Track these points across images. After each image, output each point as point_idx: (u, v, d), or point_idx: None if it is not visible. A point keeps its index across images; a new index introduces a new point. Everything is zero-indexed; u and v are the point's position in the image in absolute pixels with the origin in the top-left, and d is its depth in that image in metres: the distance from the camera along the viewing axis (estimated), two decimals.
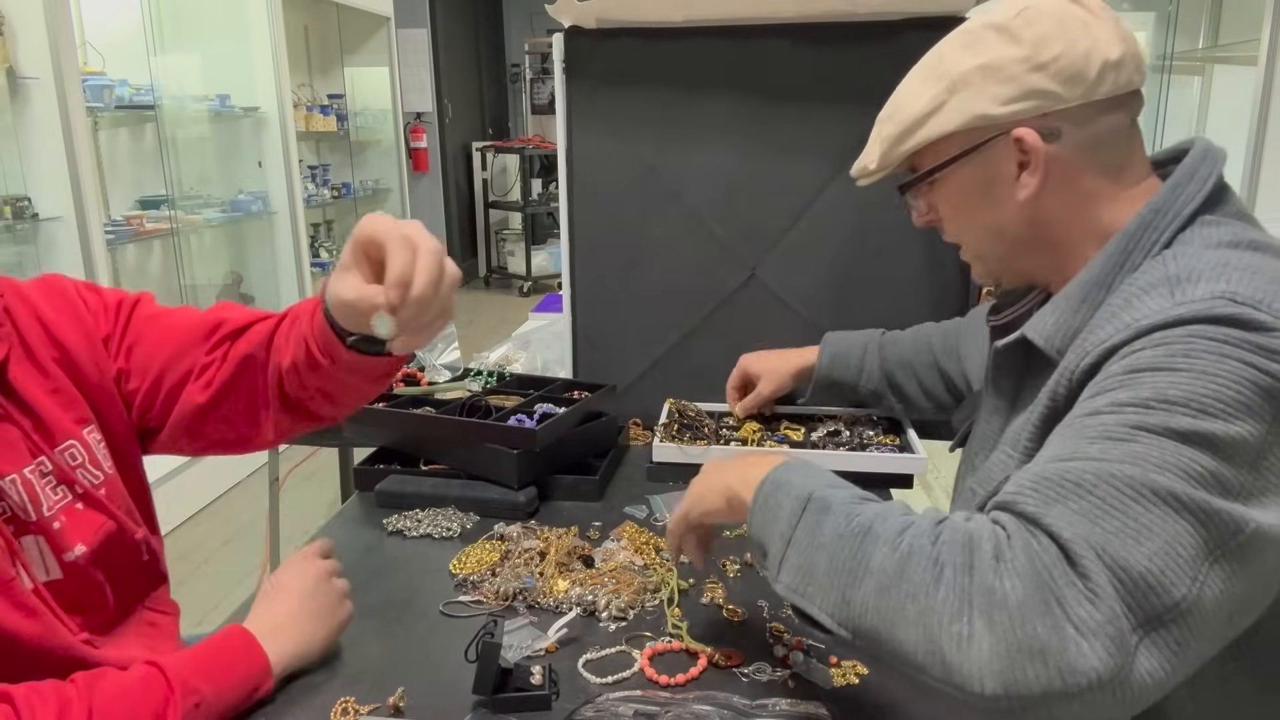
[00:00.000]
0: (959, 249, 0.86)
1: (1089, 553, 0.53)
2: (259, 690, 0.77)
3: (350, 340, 0.78)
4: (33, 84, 2.41)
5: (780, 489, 0.69)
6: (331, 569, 0.87)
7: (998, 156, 0.75)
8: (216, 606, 2.42)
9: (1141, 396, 0.58)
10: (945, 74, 0.76)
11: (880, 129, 0.82)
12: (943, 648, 0.54)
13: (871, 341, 1.27)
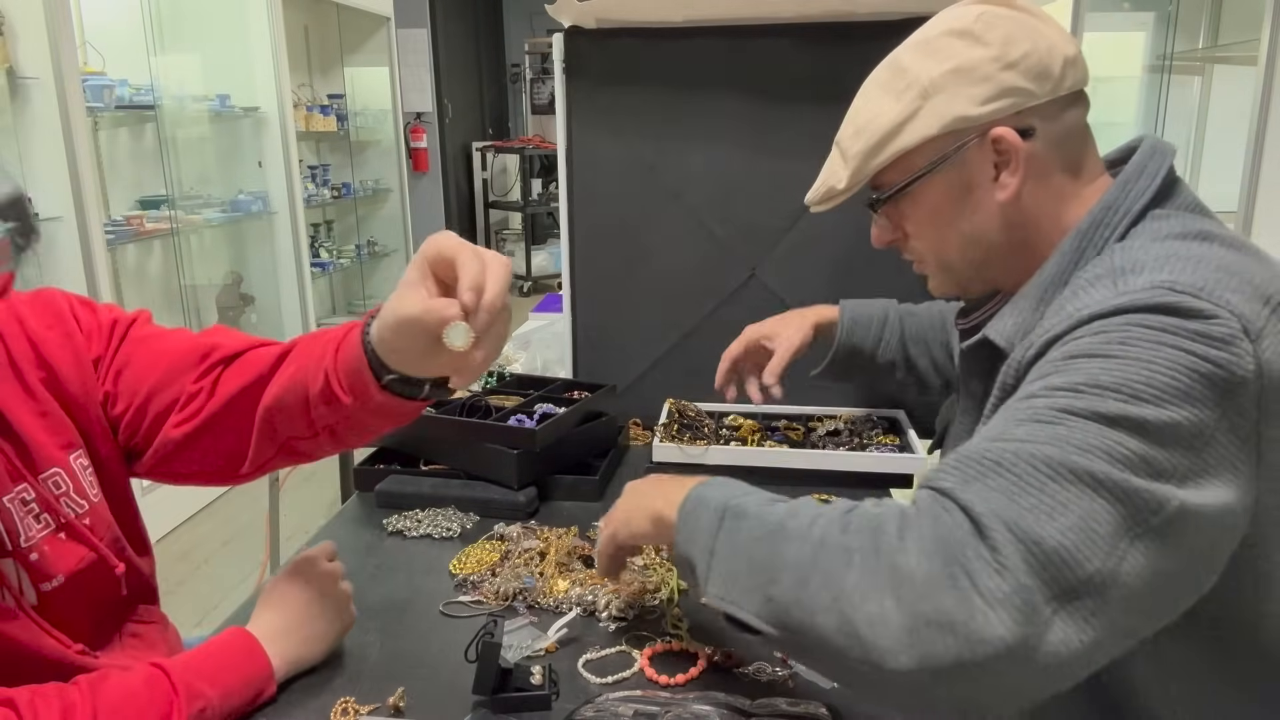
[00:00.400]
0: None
1: (1000, 526, 0.54)
2: (262, 695, 0.77)
3: (387, 379, 0.71)
4: (33, 84, 2.41)
5: (700, 505, 0.71)
6: (336, 573, 0.87)
7: (974, 160, 0.76)
8: (216, 607, 2.43)
9: (1074, 381, 0.59)
10: (913, 82, 0.76)
11: (844, 147, 0.82)
12: (859, 630, 0.56)
13: (891, 310, 1.23)
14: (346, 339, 0.74)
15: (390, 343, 0.69)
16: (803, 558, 0.61)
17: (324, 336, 0.77)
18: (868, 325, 1.21)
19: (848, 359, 1.22)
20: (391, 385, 0.72)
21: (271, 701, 0.78)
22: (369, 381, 0.72)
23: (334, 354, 0.74)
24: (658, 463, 1.28)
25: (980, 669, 0.52)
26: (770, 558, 0.63)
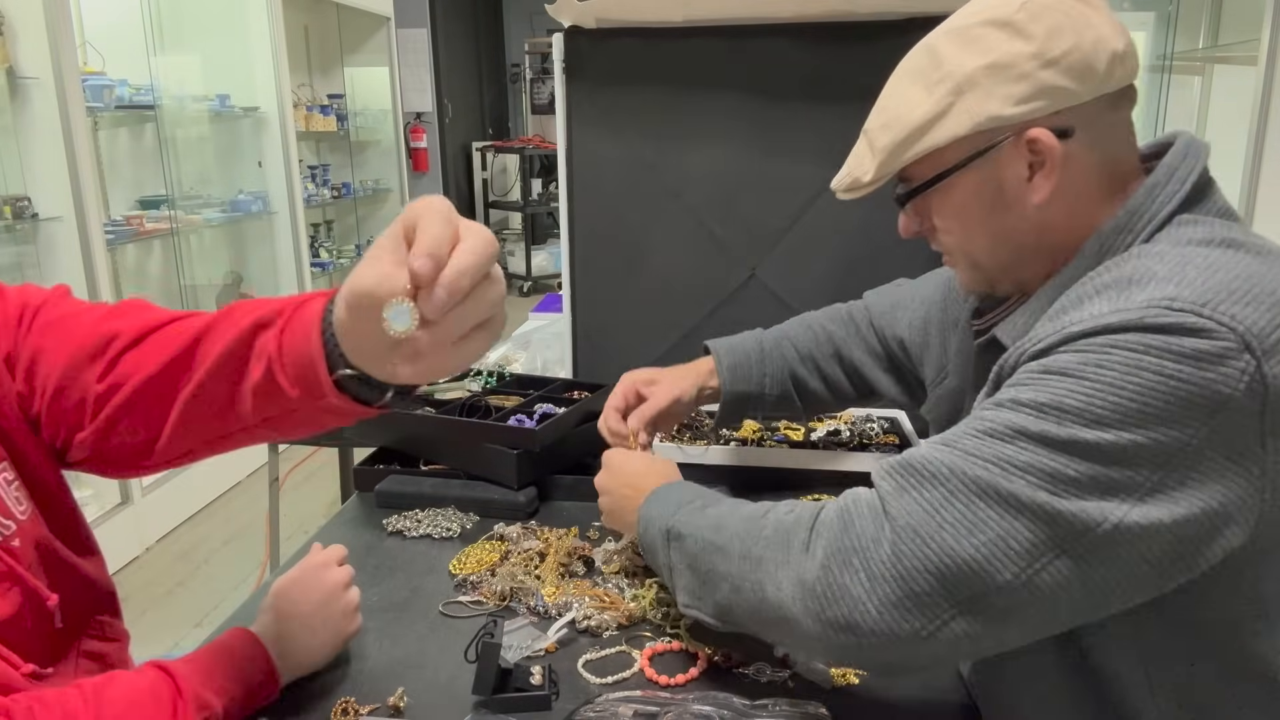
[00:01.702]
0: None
1: (912, 538, 0.61)
2: (265, 700, 0.76)
3: (340, 375, 0.57)
4: (32, 84, 2.41)
5: (649, 524, 0.83)
6: (346, 579, 0.86)
7: (1007, 160, 0.72)
8: (216, 607, 2.43)
9: (1039, 400, 0.61)
10: (947, 76, 0.71)
11: (873, 139, 0.78)
12: (781, 632, 0.70)
13: (762, 342, 1.13)
14: (297, 316, 0.60)
15: (346, 325, 0.55)
16: (730, 570, 0.72)
17: (264, 309, 0.62)
18: (746, 369, 1.11)
19: (737, 406, 1.12)
20: (345, 383, 0.58)
21: (273, 703, 0.78)
22: (323, 376, 0.58)
23: (279, 336, 0.60)
24: None
25: (883, 653, 0.63)
26: (709, 572, 0.75)
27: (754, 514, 0.74)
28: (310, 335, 0.58)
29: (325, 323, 0.58)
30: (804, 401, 1.14)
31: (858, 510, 0.65)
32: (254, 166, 3.90)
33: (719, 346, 1.13)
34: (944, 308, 0.99)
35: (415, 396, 0.67)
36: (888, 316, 1.10)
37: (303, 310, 0.60)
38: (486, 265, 0.50)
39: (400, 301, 0.48)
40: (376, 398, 0.60)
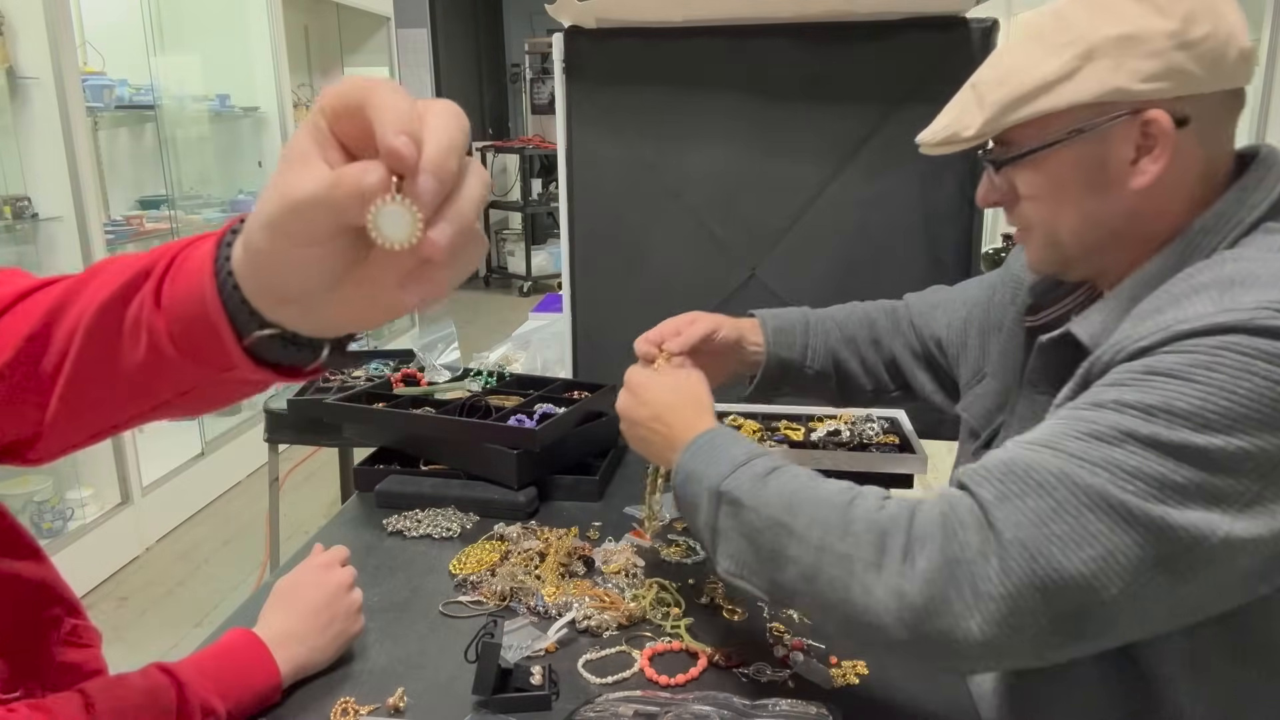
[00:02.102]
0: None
1: (1020, 552, 0.58)
2: (267, 701, 0.76)
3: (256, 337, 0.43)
4: (32, 84, 2.41)
5: (691, 480, 0.76)
6: (350, 580, 0.86)
7: (1117, 137, 0.69)
8: (216, 607, 2.43)
9: (1147, 402, 0.58)
10: (1077, 39, 0.68)
11: (983, 92, 0.73)
12: (860, 631, 0.65)
13: (807, 315, 1.11)
14: (179, 268, 0.45)
15: (268, 265, 0.39)
16: (805, 559, 0.66)
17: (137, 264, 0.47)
18: (791, 333, 1.08)
19: (777, 373, 1.08)
20: (263, 349, 0.43)
21: (274, 705, 0.78)
22: (227, 341, 0.43)
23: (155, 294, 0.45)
24: None
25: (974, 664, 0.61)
26: (774, 551, 0.68)
27: (836, 501, 0.68)
28: (202, 291, 0.42)
29: (220, 270, 0.42)
30: (841, 384, 1.11)
31: (959, 519, 0.61)
32: (254, 167, 3.89)
33: (763, 312, 1.10)
34: (987, 310, 0.97)
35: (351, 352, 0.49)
36: (926, 316, 1.09)
37: (186, 259, 0.44)
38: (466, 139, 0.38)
39: (390, 200, 0.35)
40: (307, 359, 0.45)
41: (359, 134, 0.37)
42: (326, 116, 0.38)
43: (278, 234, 0.38)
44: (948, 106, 0.79)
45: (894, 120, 1.39)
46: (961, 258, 1.43)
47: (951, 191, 1.41)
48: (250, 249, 0.40)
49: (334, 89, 0.38)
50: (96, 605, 2.46)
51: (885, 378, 1.11)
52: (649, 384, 0.90)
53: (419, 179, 0.35)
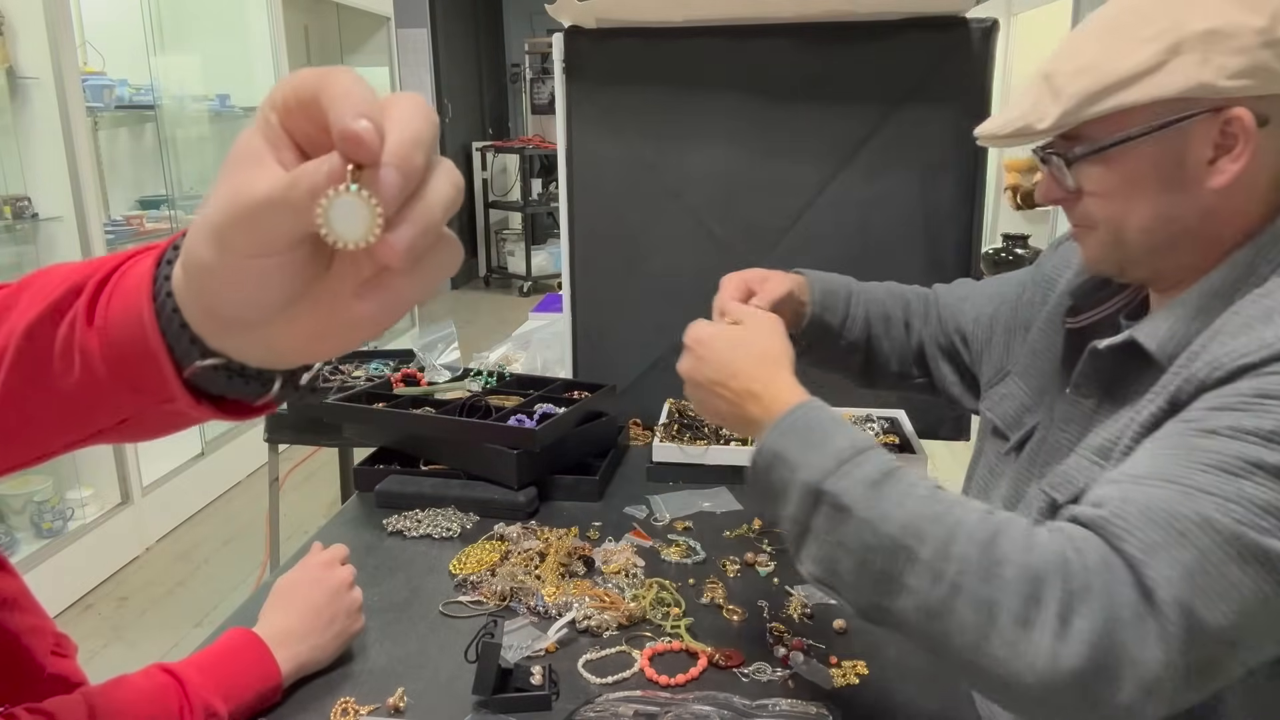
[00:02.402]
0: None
1: (1176, 613, 0.55)
2: (268, 701, 0.76)
3: (199, 368, 0.38)
4: (32, 84, 2.41)
5: (780, 465, 0.69)
6: (350, 578, 0.86)
7: (1197, 135, 0.67)
8: (216, 607, 2.43)
9: (1265, 428, 0.57)
10: (1163, 32, 0.67)
11: (1060, 84, 0.70)
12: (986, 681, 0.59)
13: (851, 285, 1.07)
14: (116, 285, 0.40)
15: (215, 282, 0.34)
16: (930, 593, 0.60)
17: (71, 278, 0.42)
18: (835, 296, 1.04)
19: (813, 335, 1.03)
20: (206, 380, 0.39)
21: (275, 704, 0.78)
22: (165, 370, 0.38)
23: (87, 313, 0.40)
24: (658, 463, 1.28)
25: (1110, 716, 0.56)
26: (886, 574, 0.62)
27: (976, 533, 0.61)
28: (138, 312, 0.38)
29: (159, 291, 0.38)
30: (868, 360, 1.06)
31: (1113, 574, 0.57)
32: None
33: (808, 272, 1.04)
34: (1015, 309, 0.96)
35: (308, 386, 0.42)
36: (953, 308, 1.07)
37: (124, 276, 0.40)
38: (434, 134, 0.33)
39: (342, 192, 0.30)
40: (255, 393, 0.40)
41: (315, 130, 0.32)
42: (278, 111, 0.33)
43: (227, 244, 0.33)
44: (1013, 98, 0.76)
45: (894, 120, 1.39)
46: (961, 258, 1.43)
47: (951, 191, 1.41)
48: (193, 265, 0.35)
49: (285, 81, 0.33)
50: (96, 605, 2.46)
51: (911, 362, 1.08)
52: (712, 339, 0.80)
53: (380, 171, 0.31)
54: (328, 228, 0.30)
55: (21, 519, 2.45)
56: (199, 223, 0.34)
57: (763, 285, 0.96)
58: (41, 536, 2.43)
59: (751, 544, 1.08)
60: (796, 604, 0.93)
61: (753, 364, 0.78)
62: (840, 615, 0.91)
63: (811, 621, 0.91)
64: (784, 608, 0.93)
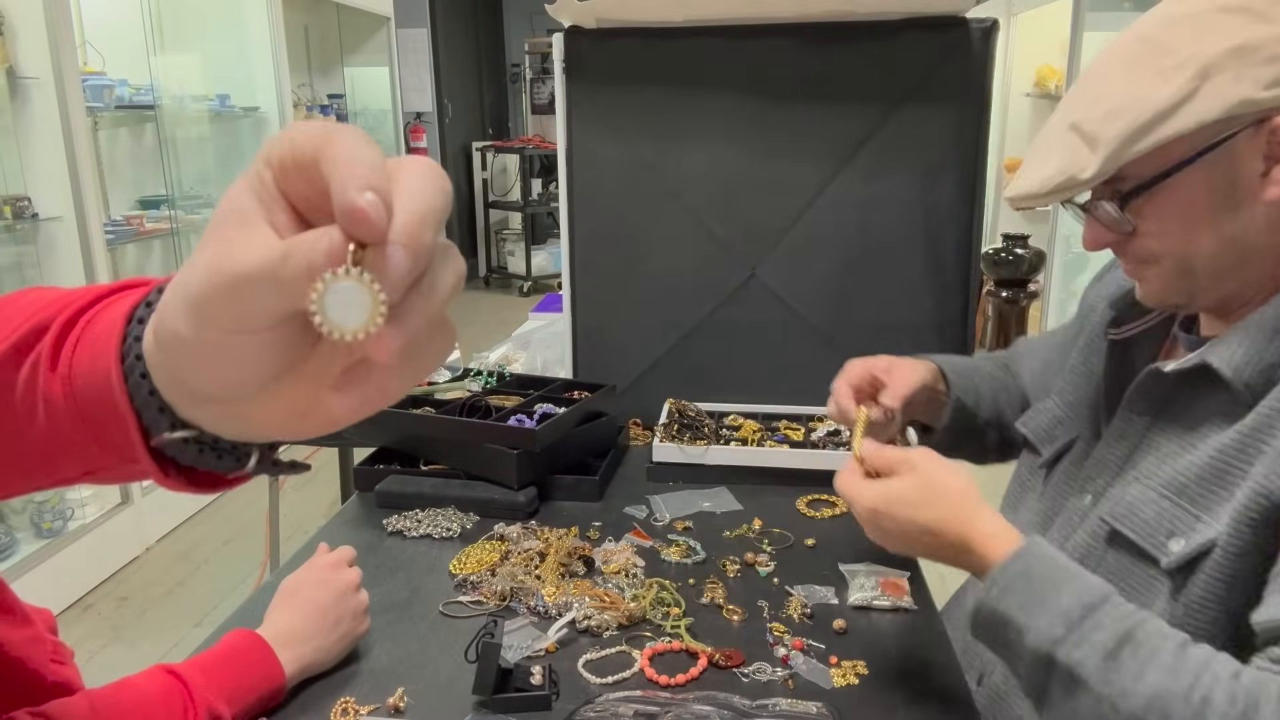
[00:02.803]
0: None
1: None
2: (271, 703, 0.76)
3: (169, 438, 0.35)
4: (32, 83, 2.41)
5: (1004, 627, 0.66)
6: (357, 580, 0.86)
7: (1243, 151, 0.68)
8: (216, 607, 2.43)
9: None
10: (1188, 60, 0.67)
11: (1094, 130, 0.69)
12: None
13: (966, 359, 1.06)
14: (85, 331, 0.38)
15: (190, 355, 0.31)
16: None
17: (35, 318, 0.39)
18: (966, 377, 1.00)
19: (958, 422, 1.00)
20: (176, 451, 0.36)
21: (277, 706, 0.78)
22: (131, 435, 0.36)
23: (51, 359, 0.37)
24: (658, 463, 1.28)
25: None
26: None
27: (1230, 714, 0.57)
28: (106, 370, 0.35)
29: (128, 352, 0.35)
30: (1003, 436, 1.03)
31: None
32: None
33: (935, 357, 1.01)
34: (1065, 349, 0.95)
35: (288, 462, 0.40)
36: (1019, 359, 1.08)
37: (93, 323, 0.37)
38: (446, 207, 0.30)
39: (342, 275, 0.27)
40: (229, 467, 0.37)
41: (313, 194, 0.29)
42: (273, 169, 0.30)
43: (206, 317, 0.29)
44: (1037, 156, 0.74)
45: (894, 120, 1.39)
46: (962, 258, 1.43)
47: (951, 191, 1.41)
48: (167, 335, 0.31)
49: (282, 135, 0.30)
50: (96, 605, 2.46)
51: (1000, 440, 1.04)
52: (889, 506, 0.74)
53: (387, 251, 0.27)
54: (322, 315, 0.27)
55: (21, 519, 2.45)
56: (175, 289, 0.31)
57: (890, 375, 0.92)
58: (41, 536, 2.43)
59: (751, 544, 1.08)
60: (796, 604, 0.93)
61: (949, 513, 0.73)
62: (840, 615, 0.91)
63: (811, 621, 0.91)
64: (784, 608, 0.93)
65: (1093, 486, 0.82)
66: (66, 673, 0.70)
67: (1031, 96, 4.38)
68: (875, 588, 0.95)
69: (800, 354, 1.47)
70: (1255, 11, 0.67)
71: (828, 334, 1.47)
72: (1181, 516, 0.70)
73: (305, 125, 0.29)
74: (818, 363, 1.48)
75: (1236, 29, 0.67)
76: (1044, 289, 3.90)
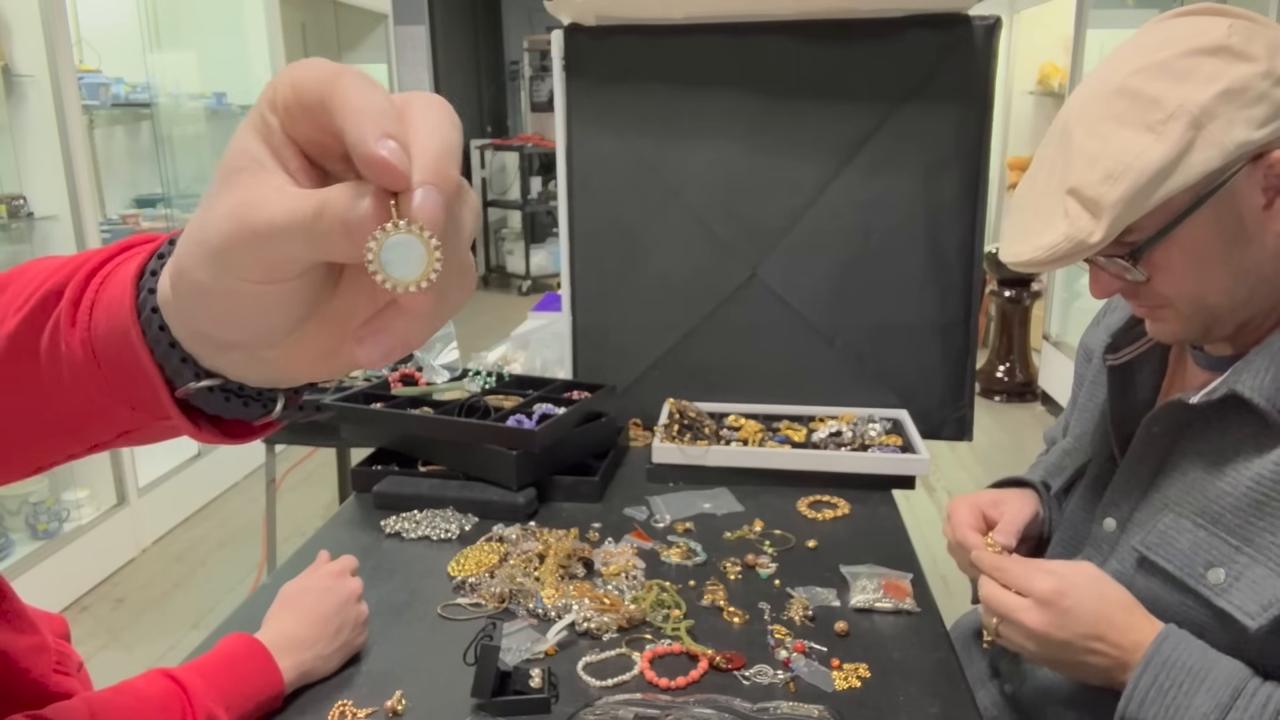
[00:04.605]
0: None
1: None
2: (268, 710, 0.75)
3: (195, 388, 0.35)
4: (28, 81, 2.40)
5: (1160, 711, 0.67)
6: (359, 590, 0.86)
7: (1244, 188, 0.69)
8: (213, 609, 2.42)
9: None
10: (1177, 111, 0.67)
11: (1093, 196, 0.69)
12: None
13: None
14: (99, 292, 0.37)
15: (211, 305, 0.31)
16: None
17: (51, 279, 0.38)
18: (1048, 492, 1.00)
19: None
20: (202, 401, 0.36)
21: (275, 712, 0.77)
22: (158, 391, 0.35)
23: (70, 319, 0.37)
24: (658, 463, 1.27)
25: None
26: None
27: None
28: (124, 329, 0.35)
29: (142, 307, 0.34)
30: None
31: None
32: None
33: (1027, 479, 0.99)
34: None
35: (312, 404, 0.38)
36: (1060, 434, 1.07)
37: (106, 285, 0.37)
38: (460, 139, 0.30)
39: (392, 230, 0.27)
40: (255, 414, 0.37)
41: (318, 134, 0.29)
42: (278, 113, 0.29)
43: (229, 268, 0.29)
44: (1035, 221, 0.74)
45: (896, 119, 1.38)
46: (963, 257, 1.43)
47: (954, 190, 1.40)
48: (186, 286, 0.31)
49: (285, 76, 0.29)
50: (93, 607, 2.45)
51: None
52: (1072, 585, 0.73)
53: (420, 193, 0.27)
54: (382, 273, 0.27)
55: (17, 520, 2.44)
56: (192, 241, 0.30)
57: (998, 509, 0.91)
58: (37, 538, 2.42)
59: (752, 546, 1.08)
60: (798, 606, 0.92)
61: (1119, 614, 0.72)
62: (842, 617, 0.91)
63: (813, 624, 0.90)
64: (785, 610, 0.92)
65: (1116, 512, 0.82)
66: (70, 684, 0.68)
67: (1034, 94, 4.37)
68: (877, 590, 0.94)
69: (801, 354, 1.47)
70: (1234, 51, 0.67)
71: (828, 334, 1.46)
72: (1218, 546, 0.70)
73: (304, 66, 0.29)
74: (818, 363, 1.48)
75: (1219, 71, 0.67)
76: (1047, 289, 3.90)
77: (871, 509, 1.18)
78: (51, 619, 0.71)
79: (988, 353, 4.02)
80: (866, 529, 1.13)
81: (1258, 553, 0.68)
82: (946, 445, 1.64)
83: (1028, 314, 3.95)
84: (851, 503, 1.19)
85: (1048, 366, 3.80)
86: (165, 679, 0.67)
